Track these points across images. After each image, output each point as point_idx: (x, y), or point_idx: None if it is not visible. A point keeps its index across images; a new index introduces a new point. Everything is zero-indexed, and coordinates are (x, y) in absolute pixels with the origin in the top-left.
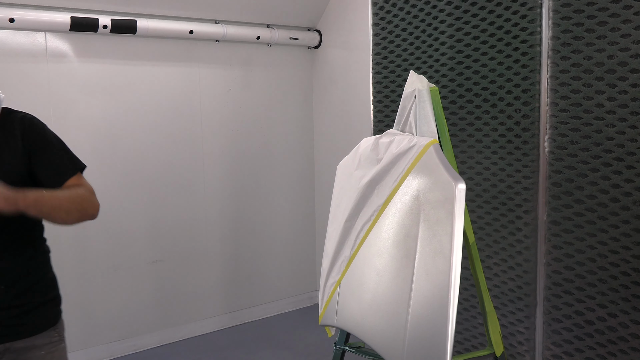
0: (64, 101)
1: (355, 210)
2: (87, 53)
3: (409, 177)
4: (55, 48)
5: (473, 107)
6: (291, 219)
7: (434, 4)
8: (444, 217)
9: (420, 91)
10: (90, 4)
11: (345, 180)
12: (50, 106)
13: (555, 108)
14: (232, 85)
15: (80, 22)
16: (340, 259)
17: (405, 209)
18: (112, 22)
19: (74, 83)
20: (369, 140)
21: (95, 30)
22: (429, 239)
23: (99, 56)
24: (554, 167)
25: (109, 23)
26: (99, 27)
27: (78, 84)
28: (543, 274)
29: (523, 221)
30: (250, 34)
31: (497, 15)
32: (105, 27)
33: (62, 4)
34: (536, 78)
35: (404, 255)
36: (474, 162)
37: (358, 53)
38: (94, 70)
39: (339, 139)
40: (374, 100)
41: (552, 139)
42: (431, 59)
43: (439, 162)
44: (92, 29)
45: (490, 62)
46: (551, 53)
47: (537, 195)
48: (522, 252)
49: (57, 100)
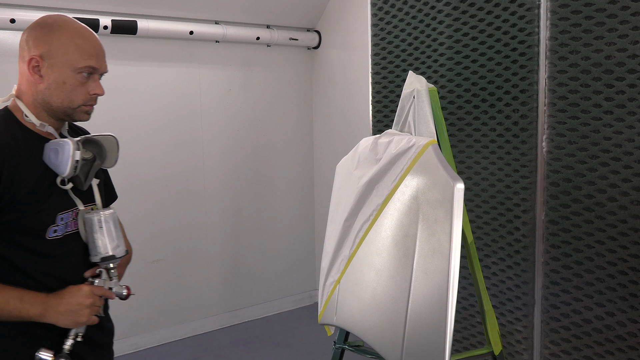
0: None
1: (354, 209)
2: None
3: (407, 177)
4: None
5: (471, 107)
6: (291, 218)
7: (432, 4)
8: (443, 217)
9: (419, 91)
10: (91, 4)
11: (344, 180)
12: None
13: (553, 108)
14: (232, 85)
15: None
16: (340, 258)
17: (404, 209)
18: (113, 23)
19: None
20: (368, 140)
21: (95, 30)
22: (427, 238)
23: None
24: (551, 167)
25: (110, 24)
26: (100, 28)
27: None
28: (541, 273)
29: (521, 220)
30: (250, 35)
31: (495, 16)
32: (106, 27)
33: (63, 5)
34: (534, 78)
35: (402, 255)
36: (472, 162)
37: (357, 53)
38: None
39: (338, 139)
40: (373, 100)
41: (550, 139)
42: (430, 59)
43: (437, 161)
44: (92, 29)
45: (489, 63)
46: (549, 53)
47: (535, 194)
48: (520, 251)
49: None
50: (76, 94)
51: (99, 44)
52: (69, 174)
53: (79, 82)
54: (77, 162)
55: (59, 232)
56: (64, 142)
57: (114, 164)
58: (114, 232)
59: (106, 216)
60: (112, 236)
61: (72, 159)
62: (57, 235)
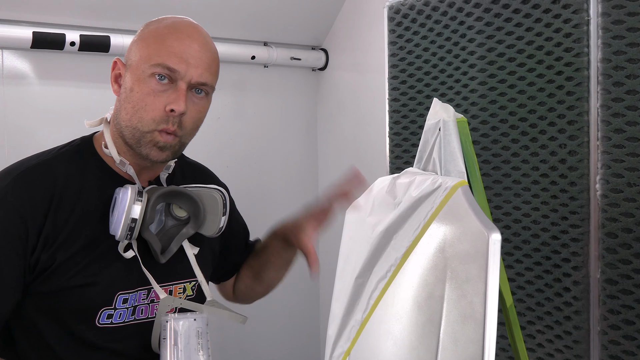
0: (21, 129)
1: (368, 264)
2: (50, 74)
3: (432, 226)
4: (13, 67)
5: (509, 141)
6: (291, 276)
7: (462, 19)
8: (475, 274)
9: (445, 122)
10: (56, 17)
11: (355, 228)
12: (4, 135)
13: (608, 143)
14: (221, 113)
15: (43, 38)
16: (350, 323)
17: (428, 264)
18: (81, 39)
19: (33, 108)
20: (385, 181)
21: (61, 47)
22: (457, 301)
23: (65, 77)
24: (607, 214)
25: (78, 39)
26: (66, 44)
27: (38, 109)
28: (598, 345)
29: (572, 279)
30: (243, 53)
31: (536, 34)
32: (73, 44)
33: (23, 17)
34: (584, 107)
35: (427, 320)
36: (511, 207)
37: (371, 76)
38: (57, 93)
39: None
40: (390, 132)
41: (604, 180)
42: (458, 84)
43: (468, 207)
44: (57, 46)
45: (529, 88)
46: (601, 78)
47: (588, 247)
48: (571, 317)
49: (13, 128)
50: (145, 109)
51: (196, 42)
52: (122, 235)
53: (151, 89)
54: (133, 221)
55: (117, 319)
56: (124, 189)
57: (216, 231)
58: (192, 354)
59: (182, 325)
60: (181, 358)
61: (125, 216)
62: (115, 323)
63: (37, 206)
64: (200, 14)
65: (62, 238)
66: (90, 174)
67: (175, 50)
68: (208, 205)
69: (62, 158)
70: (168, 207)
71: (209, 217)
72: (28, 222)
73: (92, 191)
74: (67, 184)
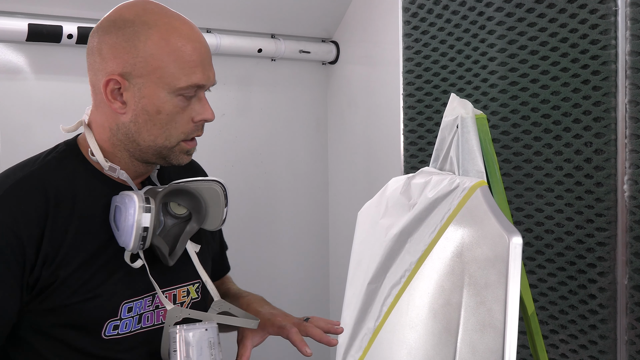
0: (16, 125)
1: (381, 269)
2: (46, 68)
3: (449, 228)
4: (8, 61)
5: (531, 139)
6: (300, 279)
7: (481, 9)
8: (495, 280)
9: (463, 119)
10: (53, 9)
11: (368, 231)
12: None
13: (637, 141)
14: (226, 109)
15: (39, 31)
16: (362, 332)
17: (444, 269)
18: (79, 31)
19: (29, 104)
20: (399, 181)
21: (58, 40)
22: (475, 308)
23: (62, 72)
24: (636, 217)
25: (75, 32)
26: (63, 37)
27: (34, 104)
28: (625, 355)
29: (597, 286)
30: (250, 46)
31: (560, 25)
32: (71, 36)
33: (18, 8)
34: (611, 103)
35: (443, 328)
36: (533, 209)
37: (385, 70)
38: (54, 88)
39: (360, 178)
40: (404, 129)
41: (633, 180)
42: (477, 78)
43: (487, 208)
44: (54, 38)
45: (553, 83)
46: (630, 72)
47: (615, 252)
48: (597, 326)
49: (7, 125)
50: (174, 126)
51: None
52: (135, 247)
53: (179, 107)
54: (145, 230)
55: (124, 329)
56: (129, 198)
57: (219, 224)
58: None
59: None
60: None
61: (136, 226)
62: (121, 334)
63: (31, 222)
64: (204, 3)
65: (62, 253)
66: (80, 180)
67: (197, 64)
68: (209, 199)
69: (49, 167)
70: (165, 205)
71: (211, 210)
72: (23, 239)
73: (86, 199)
74: (58, 194)
